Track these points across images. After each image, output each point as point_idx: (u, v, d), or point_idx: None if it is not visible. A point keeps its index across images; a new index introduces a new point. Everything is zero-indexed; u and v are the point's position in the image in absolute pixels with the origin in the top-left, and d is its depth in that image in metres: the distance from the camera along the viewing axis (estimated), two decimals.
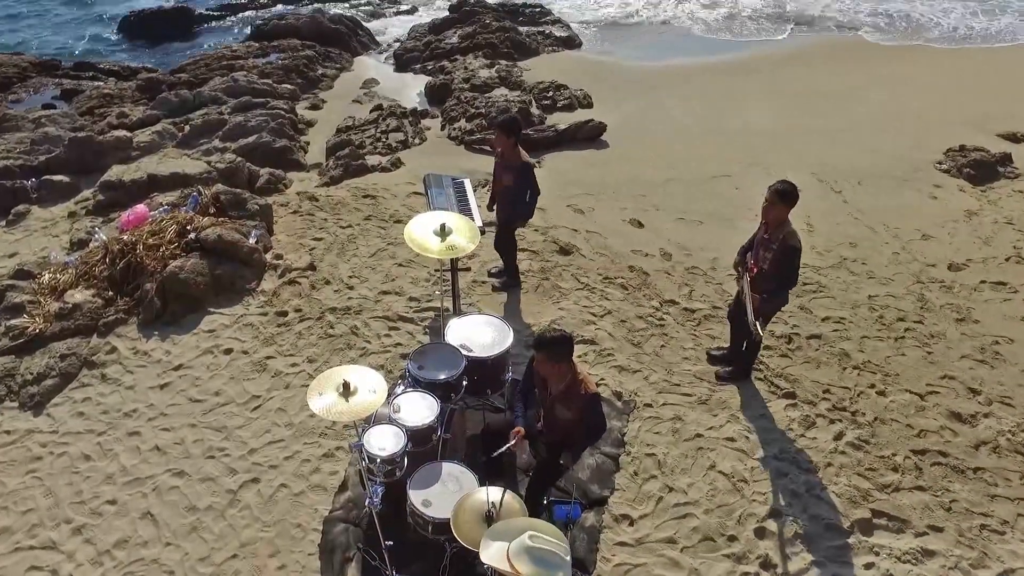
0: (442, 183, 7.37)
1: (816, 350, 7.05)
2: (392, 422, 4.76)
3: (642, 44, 17.92)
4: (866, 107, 13.39)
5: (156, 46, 18.94)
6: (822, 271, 8.29)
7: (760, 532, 5.30)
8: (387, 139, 11.84)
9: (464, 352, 5.37)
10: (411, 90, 15.04)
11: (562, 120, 12.55)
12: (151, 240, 7.77)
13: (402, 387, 5.16)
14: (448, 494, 4.52)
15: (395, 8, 21.50)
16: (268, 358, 6.83)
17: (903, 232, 9.20)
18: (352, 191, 9.89)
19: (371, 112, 13.01)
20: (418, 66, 16.25)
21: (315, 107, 13.92)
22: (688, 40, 18.23)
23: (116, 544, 5.24)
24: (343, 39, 17.40)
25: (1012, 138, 11.85)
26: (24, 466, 5.93)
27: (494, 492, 4.25)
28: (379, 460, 4.47)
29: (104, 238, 8.16)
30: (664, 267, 8.26)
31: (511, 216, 7.23)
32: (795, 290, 7.67)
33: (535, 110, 12.91)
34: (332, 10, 19.55)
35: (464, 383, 5.26)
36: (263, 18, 18.52)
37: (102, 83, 15.50)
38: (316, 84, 15.16)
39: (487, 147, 11.51)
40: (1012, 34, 17.53)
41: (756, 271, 5.78)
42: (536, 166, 10.38)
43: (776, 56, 16.50)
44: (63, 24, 21.73)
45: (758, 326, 5.58)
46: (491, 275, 7.89)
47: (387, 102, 13.65)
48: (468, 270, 7.98)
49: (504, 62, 15.43)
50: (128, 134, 11.17)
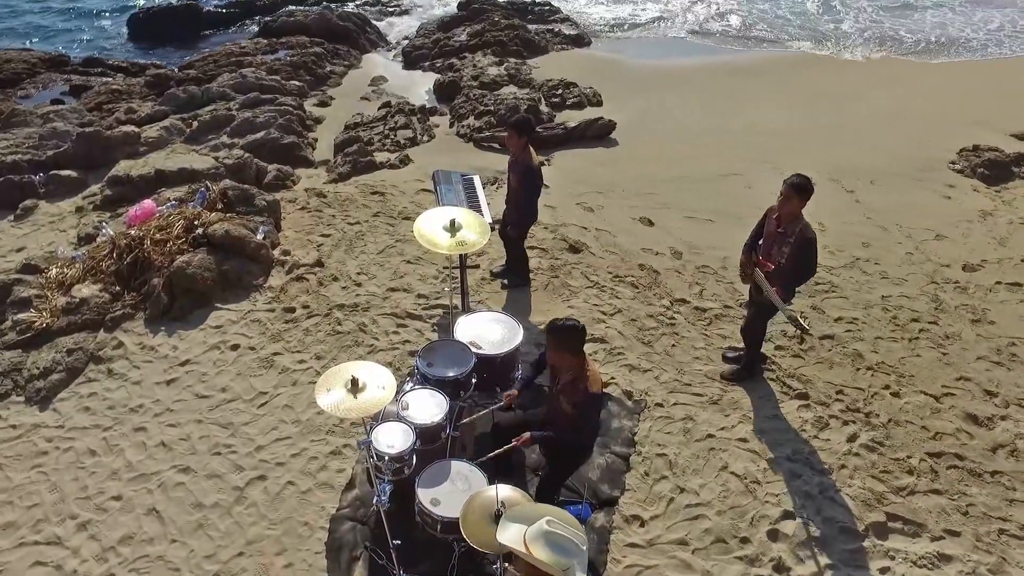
0: (451, 179, 7.31)
1: (829, 350, 6.95)
2: (401, 419, 4.69)
3: (650, 44, 17.82)
4: (877, 107, 13.28)
5: (165, 43, 18.89)
6: (834, 271, 8.19)
7: (773, 534, 5.22)
8: (395, 136, 11.78)
9: (473, 349, 5.30)
10: (420, 87, 14.96)
11: (571, 118, 12.47)
12: (158, 235, 7.73)
13: (411, 384, 5.10)
14: (457, 493, 4.46)
15: (403, 5, 21.42)
16: (275, 354, 6.78)
17: (916, 232, 9.09)
18: (360, 188, 9.84)
19: (379, 109, 12.95)
20: (427, 63, 16.18)
21: (323, 104, 13.86)
22: (696, 44, 18.07)
23: (121, 540, 5.19)
24: (352, 36, 17.34)
25: None
26: (30, 461, 5.89)
27: (503, 491, 4.18)
28: (387, 458, 4.40)
29: (111, 233, 8.12)
30: (674, 266, 8.18)
31: (513, 220, 7.17)
32: (807, 290, 7.62)
33: (544, 108, 12.83)
34: (341, 7, 19.48)
35: (473, 381, 5.19)
36: (272, 15, 18.44)
37: (111, 79, 15.47)
38: (324, 81, 15.10)
39: (496, 144, 11.45)
40: None
41: (773, 267, 5.70)
42: (544, 164, 10.34)
43: (786, 59, 16.37)
44: (72, 20, 21.77)
45: (799, 319, 5.48)
46: (494, 275, 7.78)
47: (395, 99, 13.60)
48: (477, 267, 7.92)
49: (513, 60, 15.35)
50: (136, 129, 11.14)
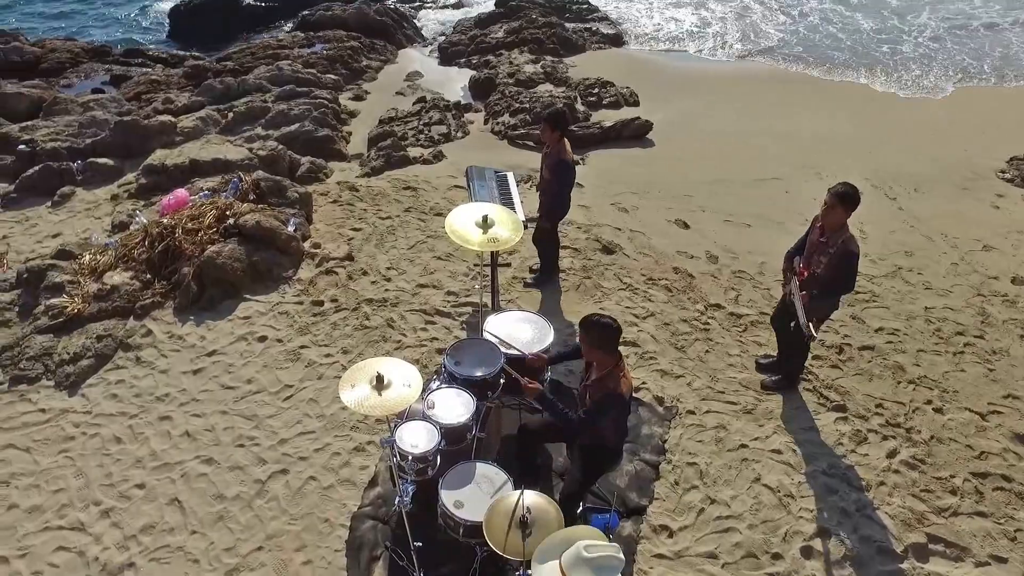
0: (484, 176, 7.21)
1: (869, 362, 6.72)
2: (426, 419, 4.59)
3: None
4: (923, 113, 12.92)
5: (205, 36, 19.10)
6: (876, 280, 7.93)
7: (807, 551, 5.02)
8: (429, 131, 11.72)
9: (503, 349, 5.17)
10: (455, 84, 14.91)
11: (607, 117, 12.31)
12: (190, 224, 7.73)
13: (437, 383, 4.99)
14: (481, 496, 4.34)
15: (440, 1, 21.40)
16: (302, 347, 6.72)
17: (962, 242, 8.78)
18: (393, 182, 9.78)
19: (414, 104, 12.91)
20: (463, 60, 16.12)
21: (358, 98, 13.86)
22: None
23: (143, 529, 5.16)
24: (388, 31, 17.36)
25: None
26: (57, 445, 5.90)
27: (529, 497, 4.06)
28: (411, 458, 4.30)
29: (144, 221, 8.16)
30: (710, 270, 7.98)
31: (544, 212, 7.05)
32: (848, 299, 7.37)
33: (580, 106, 12.70)
34: (380, 3, 19.52)
35: (501, 381, 5.07)
36: (310, 9, 18.52)
37: (150, 69, 15.66)
38: (360, 75, 15.11)
39: (531, 142, 11.33)
40: None
41: (808, 275, 5.49)
42: (579, 163, 10.19)
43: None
44: (117, 11, 22.12)
45: (811, 327, 5.27)
46: (532, 272, 7.70)
47: (430, 95, 13.54)
48: (508, 266, 7.80)
49: (550, 58, 15.23)
50: (172, 119, 11.21)
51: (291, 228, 8.01)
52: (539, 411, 5.63)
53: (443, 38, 17.83)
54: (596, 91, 13.40)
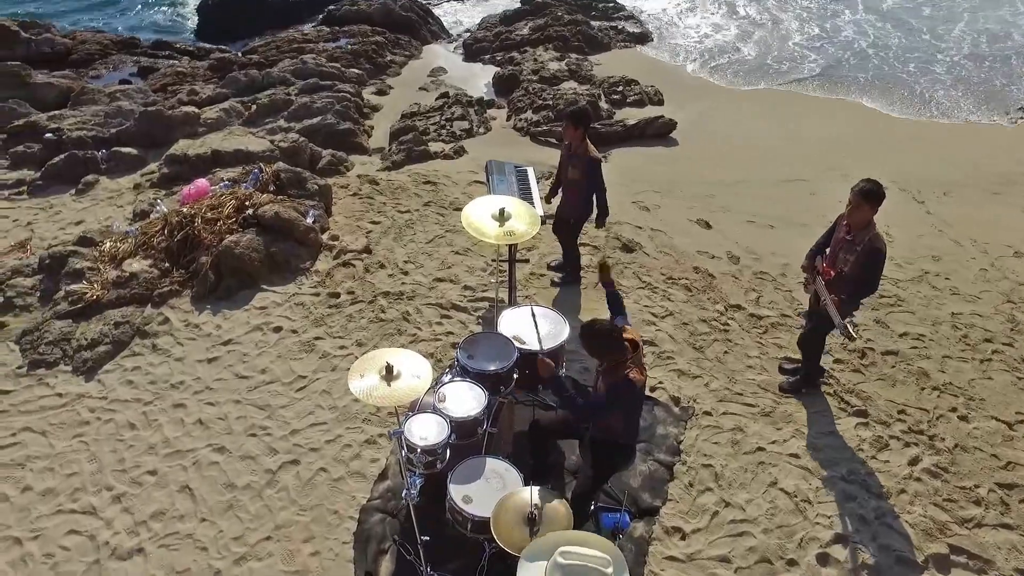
0: (504, 170, 7.14)
1: (892, 367, 6.56)
2: (436, 412, 4.53)
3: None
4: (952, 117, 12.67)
5: (232, 29, 19.21)
6: (901, 284, 7.75)
7: (823, 559, 4.90)
8: (451, 127, 11.70)
9: (517, 344, 5.11)
10: (479, 80, 14.87)
11: (631, 116, 12.21)
12: (209, 214, 7.75)
13: (449, 376, 4.93)
14: (490, 491, 4.28)
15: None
16: (317, 339, 6.71)
17: (993, 248, 8.56)
18: (413, 176, 9.75)
19: (437, 99, 12.88)
20: (487, 56, 16.08)
21: (381, 92, 13.87)
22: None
23: (153, 515, 5.16)
24: (413, 27, 17.36)
25: None
26: (72, 429, 5.93)
27: (538, 493, 3.99)
28: (419, 450, 4.24)
29: (164, 210, 8.19)
30: (731, 270, 7.85)
31: (581, 213, 6.95)
32: (871, 302, 7.23)
33: (604, 104, 12.60)
34: None
35: (515, 376, 5.00)
36: (335, 3, 18.57)
37: (177, 62, 15.77)
38: (384, 70, 15.13)
39: (553, 139, 11.24)
40: None
41: (833, 274, 5.36)
42: (604, 160, 10.09)
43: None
44: (145, 9, 22.37)
45: (848, 327, 5.13)
46: (550, 268, 7.63)
47: (454, 90, 13.51)
48: (526, 262, 7.73)
49: (575, 55, 15.15)
50: (196, 110, 11.29)
51: (310, 220, 8.01)
52: (553, 408, 5.58)
53: (468, 34, 17.80)
54: (620, 89, 13.29)
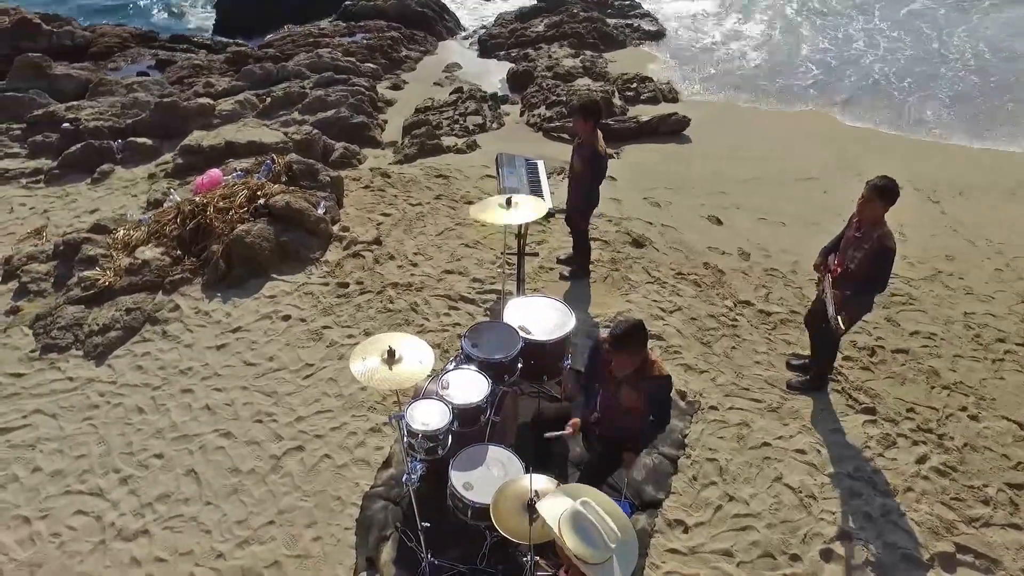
0: (515, 163, 7.13)
1: (902, 365, 6.50)
2: (439, 398, 4.54)
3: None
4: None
5: (250, 24, 19.33)
6: (913, 283, 7.68)
7: (827, 554, 4.86)
8: (465, 121, 11.71)
9: (522, 334, 5.10)
10: (493, 76, 14.87)
11: (645, 113, 12.16)
12: (221, 203, 7.81)
13: (453, 364, 4.94)
14: (491, 479, 4.28)
15: None
16: (325, 328, 6.74)
17: (1008, 248, 8.46)
18: (425, 170, 9.77)
19: (451, 94, 12.90)
20: (502, 53, 16.10)
21: (396, 87, 13.91)
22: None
23: (158, 498, 5.21)
24: (429, 23, 17.41)
25: None
26: (82, 413, 6.00)
27: (539, 481, 3.98)
28: (420, 435, 4.25)
29: (178, 199, 8.26)
30: (741, 267, 7.81)
31: (584, 205, 6.94)
32: (882, 300, 7.16)
33: (618, 101, 12.56)
34: None
35: (519, 366, 5.00)
36: None
37: (194, 55, 15.90)
38: (399, 65, 15.17)
39: (565, 135, 11.23)
40: None
41: (841, 271, 5.32)
42: (613, 157, 10.07)
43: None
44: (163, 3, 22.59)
45: (839, 320, 5.09)
46: (560, 261, 7.62)
47: (468, 86, 13.52)
48: (536, 255, 7.72)
49: (589, 52, 15.12)
50: (211, 102, 11.38)
51: (321, 210, 8.04)
52: (558, 400, 5.58)
53: (483, 31, 17.81)
54: (634, 86, 13.25)
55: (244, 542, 4.89)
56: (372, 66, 14.26)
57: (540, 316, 5.33)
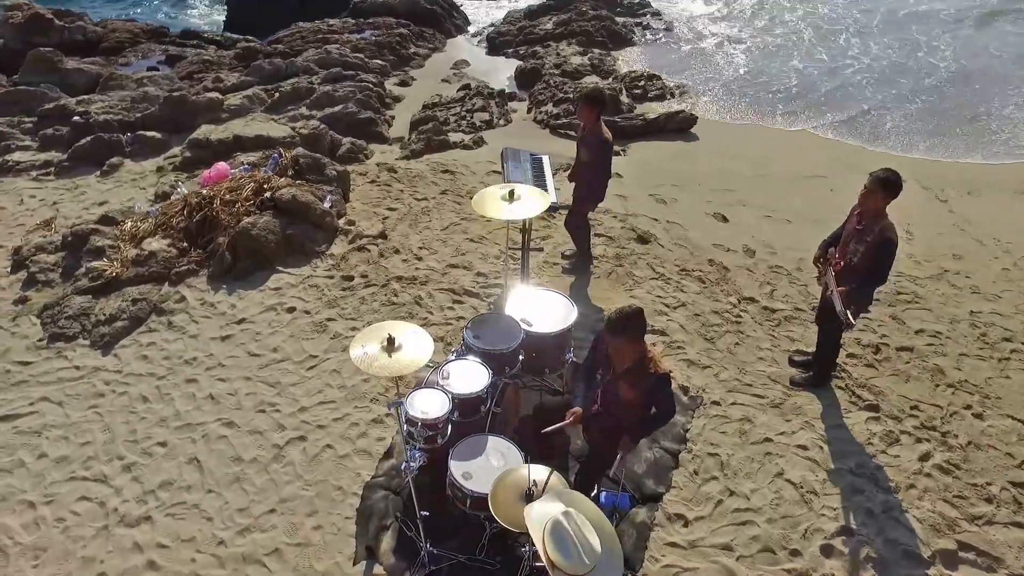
0: (520, 157, 7.15)
1: (907, 363, 6.47)
2: (439, 388, 4.56)
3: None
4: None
5: (260, 20, 19.41)
6: (919, 281, 7.64)
7: (827, 550, 4.85)
8: (472, 118, 11.72)
9: (524, 326, 5.11)
10: (501, 73, 14.87)
11: (652, 110, 12.14)
12: (228, 196, 7.85)
13: (455, 354, 4.96)
14: (491, 469, 4.29)
15: None
16: (329, 320, 6.76)
17: (1016, 248, 8.41)
18: (431, 165, 9.79)
19: (458, 91, 12.92)
20: (510, 50, 16.10)
21: (404, 83, 13.94)
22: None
23: (161, 485, 5.25)
24: (438, 20, 17.44)
25: None
26: (87, 401, 6.05)
27: (537, 471, 3.99)
28: (420, 424, 4.27)
29: (185, 192, 8.30)
30: (746, 264, 7.79)
31: (582, 195, 6.95)
32: (887, 298, 7.14)
33: (625, 99, 12.54)
34: None
35: (520, 357, 5.01)
36: None
37: (204, 51, 15.97)
38: (407, 62, 15.19)
39: (572, 132, 11.23)
40: None
41: (843, 264, 5.30)
42: (619, 154, 10.06)
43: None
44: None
45: (849, 314, 5.06)
46: (564, 257, 7.63)
47: (475, 82, 13.53)
48: (541, 250, 7.73)
49: (597, 50, 15.11)
50: (220, 97, 11.42)
51: (326, 204, 8.07)
52: (560, 393, 5.59)
53: (492, 28, 17.82)
54: (642, 84, 13.24)
55: (245, 529, 4.92)
56: (380, 62, 14.29)
57: (543, 309, 5.34)
